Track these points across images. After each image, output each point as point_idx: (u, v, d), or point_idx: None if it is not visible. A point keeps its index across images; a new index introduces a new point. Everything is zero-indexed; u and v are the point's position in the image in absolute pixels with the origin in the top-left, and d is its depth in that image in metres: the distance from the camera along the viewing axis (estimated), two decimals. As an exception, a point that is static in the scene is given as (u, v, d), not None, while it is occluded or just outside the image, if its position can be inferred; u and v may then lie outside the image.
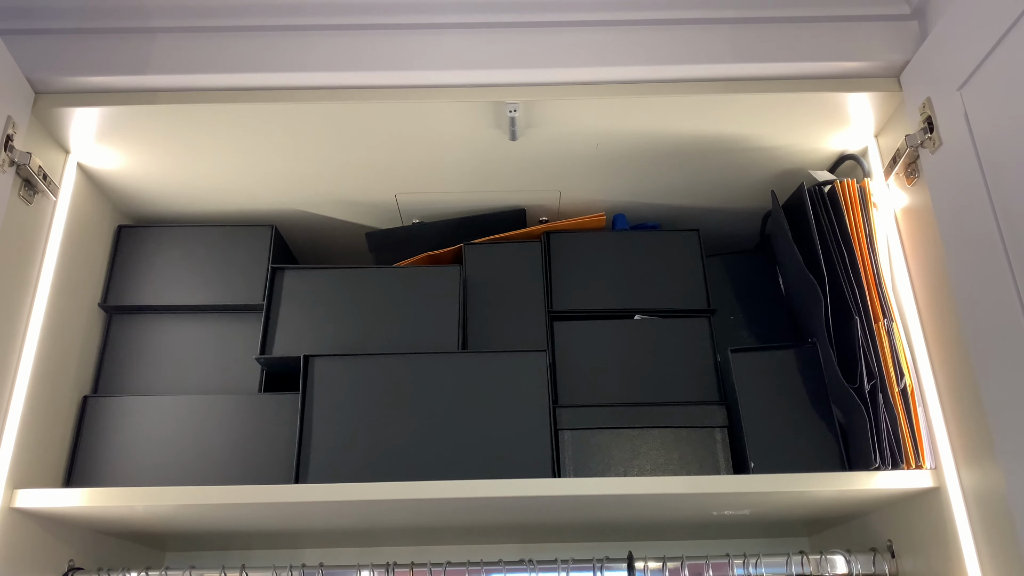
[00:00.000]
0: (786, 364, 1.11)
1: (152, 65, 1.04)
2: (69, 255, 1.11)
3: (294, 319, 1.17)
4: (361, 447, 1.06)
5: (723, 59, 1.05)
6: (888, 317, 1.03)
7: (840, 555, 1.07)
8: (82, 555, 1.11)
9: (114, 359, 1.19)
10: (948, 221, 0.94)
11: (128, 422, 1.12)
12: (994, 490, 0.87)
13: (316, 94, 1.05)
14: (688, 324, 1.19)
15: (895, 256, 1.06)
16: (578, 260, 1.24)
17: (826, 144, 1.16)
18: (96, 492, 0.98)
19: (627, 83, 1.05)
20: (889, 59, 1.05)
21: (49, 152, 1.09)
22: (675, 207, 1.33)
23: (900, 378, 1.00)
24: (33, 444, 1.02)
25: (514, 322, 1.20)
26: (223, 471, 1.10)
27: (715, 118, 1.10)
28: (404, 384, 1.09)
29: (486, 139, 1.13)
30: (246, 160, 1.17)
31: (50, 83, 1.04)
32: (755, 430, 1.07)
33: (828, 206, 1.11)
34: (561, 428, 1.10)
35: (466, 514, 1.09)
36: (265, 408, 1.13)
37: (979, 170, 0.88)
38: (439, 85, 1.05)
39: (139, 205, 1.27)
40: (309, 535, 1.25)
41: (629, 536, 1.32)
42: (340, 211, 1.32)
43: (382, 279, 1.19)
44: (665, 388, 1.15)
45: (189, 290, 1.22)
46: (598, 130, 1.12)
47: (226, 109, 1.05)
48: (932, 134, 0.97)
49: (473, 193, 1.27)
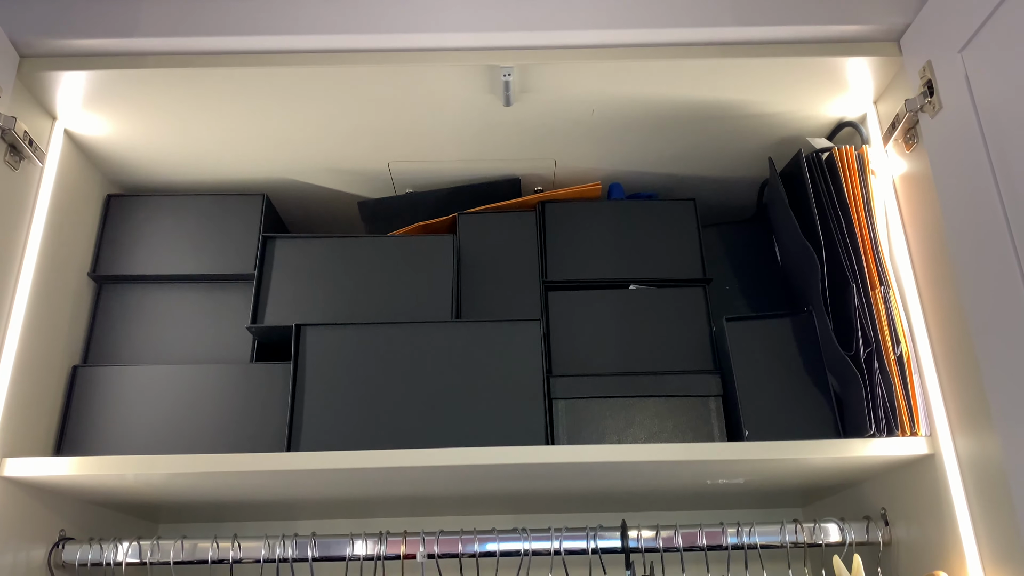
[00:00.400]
0: (781, 333, 1.11)
1: (141, 27, 1.02)
2: (57, 224, 1.10)
3: (286, 288, 1.16)
4: (354, 416, 1.05)
5: (721, 22, 1.03)
6: (885, 285, 1.02)
7: (834, 523, 1.07)
8: (73, 525, 1.10)
9: (104, 329, 1.18)
10: (947, 186, 0.93)
11: (118, 392, 1.11)
12: (990, 457, 0.86)
13: (307, 58, 1.03)
14: (683, 294, 1.18)
15: (893, 223, 1.05)
16: (573, 230, 1.22)
17: (824, 111, 1.15)
18: (86, 460, 0.97)
19: (624, 47, 1.04)
20: (889, 22, 1.03)
21: (35, 118, 1.07)
22: (671, 176, 1.32)
23: (896, 346, 1.00)
24: (22, 414, 1.01)
25: (508, 292, 1.19)
26: (215, 441, 1.09)
27: (713, 83, 1.08)
28: (397, 353, 1.08)
29: (480, 105, 1.11)
30: (237, 127, 1.15)
31: (36, 46, 1.02)
32: (750, 399, 1.06)
33: (826, 173, 1.10)
34: (555, 397, 1.09)
35: (459, 483, 1.09)
36: (257, 377, 1.12)
37: (980, 134, 0.87)
38: (432, 48, 1.03)
39: (128, 174, 1.25)
40: (302, 506, 1.25)
41: (623, 507, 1.31)
42: (332, 180, 1.30)
43: (375, 248, 1.18)
44: (660, 358, 1.14)
45: (180, 259, 1.20)
46: (594, 96, 1.10)
47: (216, 73, 1.04)
48: (932, 98, 0.96)
49: (467, 162, 1.26)
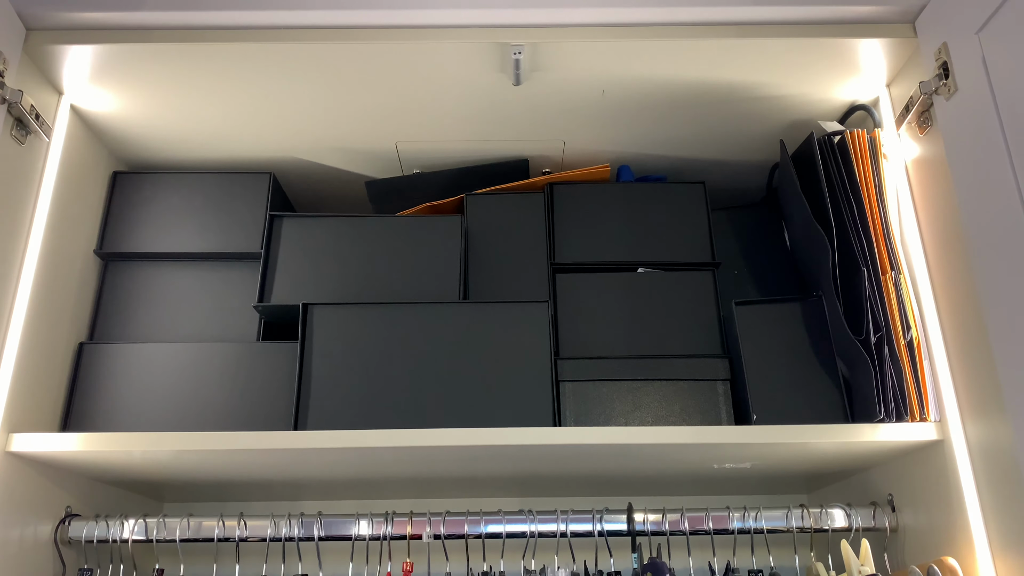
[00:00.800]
0: (790, 317, 1.10)
1: (148, 1, 1.01)
2: (63, 199, 1.09)
3: (292, 267, 1.15)
4: (360, 396, 1.05)
5: (733, 2, 1.02)
6: (896, 269, 1.01)
7: (840, 509, 1.07)
8: (79, 502, 1.10)
9: (110, 306, 1.18)
10: (962, 170, 0.92)
11: (125, 369, 1.11)
12: (1000, 443, 0.86)
13: (315, 33, 1.02)
14: (692, 277, 1.18)
15: (904, 208, 1.04)
16: (582, 212, 1.22)
17: (836, 94, 1.14)
18: (92, 437, 0.97)
19: (636, 25, 1.02)
20: (905, 4, 1.02)
21: (42, 92, 1.06)
22: (681, 159, 1.31)
23: (907, 331, 0.99)
24: (28, 390, 1.01)
25: (516, 273, 1.18)
26: (221, 419, 1.09)
27: (724, 64, 1.07)
28: (404, 333, 1.08)
29: (490, 83, 1.10)
30: (244, 104, 1.14)
31: (42, 18, 1.01)
32: (758, 383, 1.06)
33: (837, 157, 1.09)
34: (562, 380, 1.09)
35: (466, 464, 1.08)
36: (263, 356, 1.12)
37: (996, 116, 0.86)
38: (442, 25, 1.02)
39: (135, 150, 1.25)
40: (308, 486, 1.25)
41: (630, 491, 1.31)
42: (339, 159, 1.29)
43: (382, 228, 1.17)
44: (668, 341, 1.14)
45: (186, 237, 1.20)
46: (604, 76, 1.09)
47: (223, 49, 1.03)
48: (947, 80, 0.94)
49: (475, 142, 1.25)
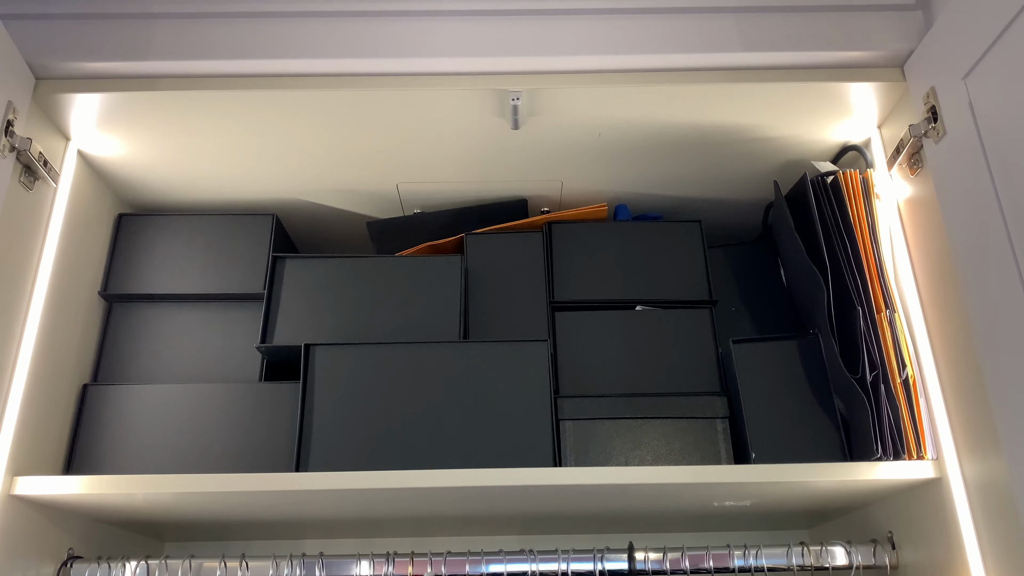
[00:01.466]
0: (788, 355, 1.11)
1: (153, 51, 1.04)
2: (69, 242, 1.11)
3: (295, 308, 1.17)
4: (362, 436, 1.05)
5: (727, 48, 1.04)
6: (890, 308, 1.03)
7: (840, 546, 1.07)
8: (82, 543, 1.11)
9: (114, 347, 1.19)
10: (952, 211, 0.94)
11: (128, 410, 1.12)
12: (997, 480, 0.86)
13: (318, 81, 1.05)
14: (690, 315, 1.19)
15: (897, 247, 1.06)
16: (580, 250, 1.23)
17: (829, 135, 1.16)
18: (96, 479, 0.98)
19: (631, 72, 1.05)
20: (893, 48, 1.04)
21: (50, 138, 1.08)
22: (677, 198, 1.33)
23: (902, 369, 1.00)
24: (33, 432, 1.02)
25: (516, 312, 1.19)
26: (223, 460, 1.09)
27: (718, 108, 1.10)
28: (405, 373, 1.09)
29: (488, 128, 1.12)
30: (247, 148, 1.16)
31: (51, 68, 1.03)
32: (756, 421, 1.07)
33: (831, 197, 1.11)
34: (562, 418, 1.10)
35: (467, 504, 1.09)
36: (266, 397, 1.13)
37: (984, 159, 0.88)
38: (442, 73, 1.04)
39: (140, 193, 1.27)
40: (309, 525, 1.25)
41: (630, 528, 1.31)
42: (341, 200, 1.31)
43: (383, 268, 1.19)
44: (666, 379, 1.15)
45: (190, 278, 1.21)
46: (601, 119, 1.11)
47: (227, 96, 1.05)
48: (936, 124, 0.96)
49: (475, 183, 1.27)
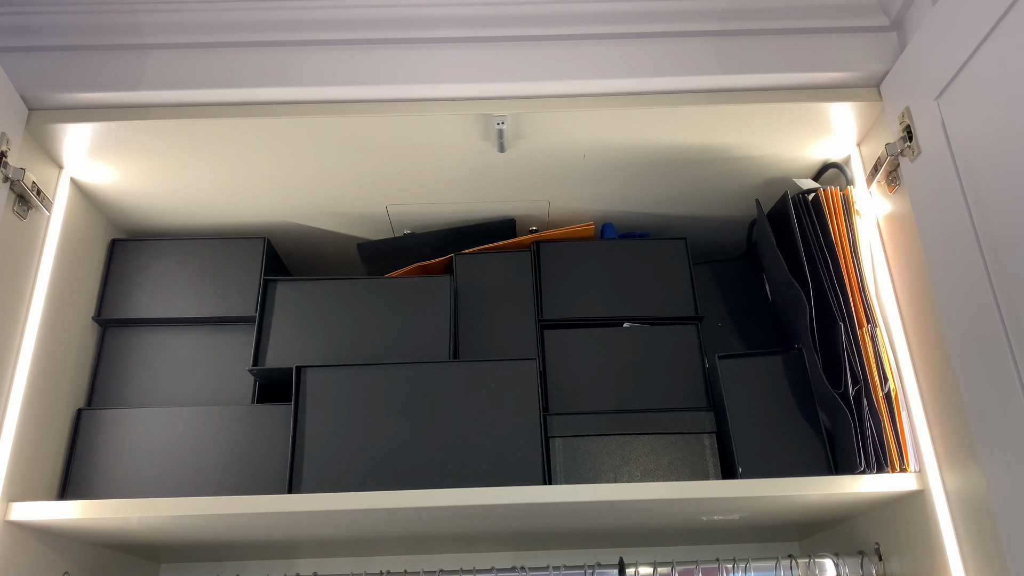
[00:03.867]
0: (773, 370, 1.13)
1: (145, 81, 1.06)
2: (63, 269, 1.12)
3: (286, 330, 1.18)
4: (354, 457, 1.07)
5: (708, 71, 1.07)
6: (872, 323, 1.04)
7: (829, 559, 1.09)
8: (77, 567, 1.12)
9: (108, 372, 1.20)
10: (928, 228, 0.96)
11: (122, 434, 1.13)
12: (976, 492, 0.88)
13: (307, 108, 1.06)
14: (676, 331, 1.20)
15: (878, 262, 1.08)
16: (567, 269, 1.25)
17: (809, 153, 1.18)
18: (91, 504, 0.99)
19: (613, 95, 1.07)
20: (869, 69, 1.07)
21: (43, 167, 1.10)
22: (663, 216, 1.35)
23: (884, 383, 1.02)
24: (28, 457, 1.03)
25: (505, 331, 1.21)
26: (217, 482, 1.10)
27: (700, 128, 1.12)
28: (396, 394, 1.10)
29: (475, 151, 1.14)
30: (239, 173, 1.18)
31: (43, 99, 1.05)
32: (743, 436, 1.08)
33: (812, 214, 1.13)
34: (552, 435, 1.11)
35: (459, 522, 1.10)
36: (258, 419, 1.14)
37: (956, 178, 0.90)
38: (427, 99, 1.06)
39: (133, 219, 1.28)
40: (304, 545, 1.26)
41: (621, 543, 1.33)
42: (332, 223, 1.33)
43: (374, 290, 1.20)
44: (654, 395, 1.16)
45: (182, 302, 1.23)
46: (585, 141, 1.13)
47: (218, 124, 1.07)
48: (911, 143, 0.99)
49: (463, 204, 1.29)
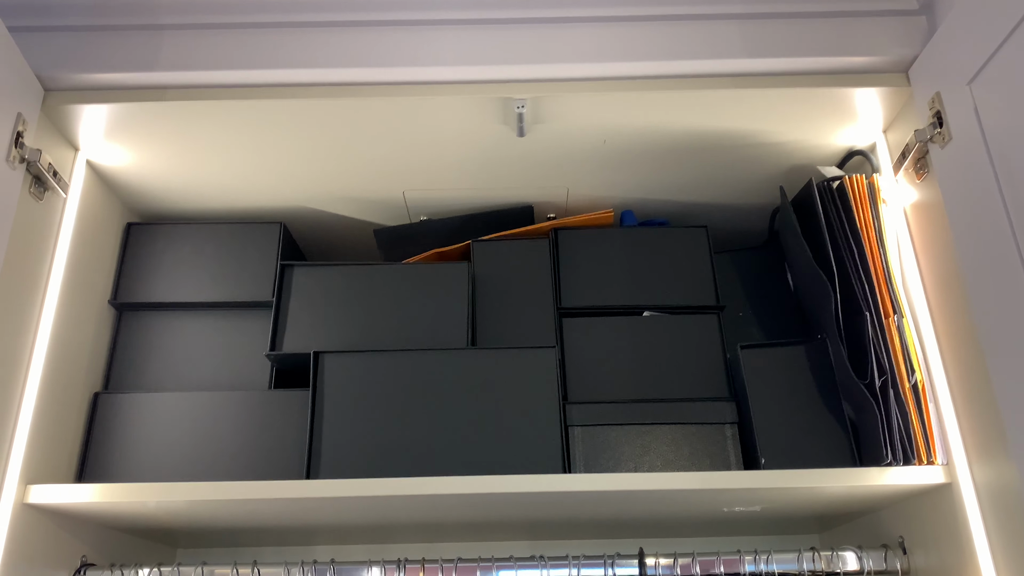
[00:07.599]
0: (796, 360, 1.11)
1: (161, 62, 1.05)
2: (79, 252, 1.12)
3: (303, 316, 1.17)
4: (371, 443, 1.06)
5: (731, 54, 1.05)
6: (898, 313, 1.02)
7: (851, 551, 1.07)
8: (95, 551, 1.12)
9: (124, 356, 1.20)
10: (959, 216, 0.94)
11: (139, 418, 1.12)
12: (1007, 485, 0.86)
13: (325, 90, 1.05)
14: (697, 320, 1.19)
15: (905, 252, 1.06)
16: (586, 257, 1.24)
17: (834, 140, 1.16)
18: (108, 488, 0.99)
19: (635, 79, 1.05)
20: (898, 54, 1.04)
21: (59, 149, 1.09)
22: (683, 203, 1.33)
23: (911, 374, 1.00)
24: (45, 441, 1.03)
25: (523, 319, 1.20)
26: (234, 467, 1.10)
27: (723, 114, 1.10)
28: (414, 380, 1.09)
29: (494, 136, 1.13)
30: (255, 157, 1.17)
31: (60, 80, 1.04)
32: (765, 426, 1.07)
33: (837, 202, 1.11)
34: (571, 424, 1.10)
35: (477, 510, 1.09)
36: (275, 404, 1.13)
37: (989, 164, 0.88)
38: (447, 81, 1.05)
39: (148, 202, 1.28)
40: (320, 531, 1.25)
41: (640, 533, 1.32)
42: (348, 208, 1.32)
43: (391, 276, 1.19)
44: (675, 384, 1.15)
45: (199, 287, 1.22)
46: (605, 126, 1.12)
47: (235, 106, 1.06)
48: (941, 129, 0.96)
49: (481, 190, 1.28)
